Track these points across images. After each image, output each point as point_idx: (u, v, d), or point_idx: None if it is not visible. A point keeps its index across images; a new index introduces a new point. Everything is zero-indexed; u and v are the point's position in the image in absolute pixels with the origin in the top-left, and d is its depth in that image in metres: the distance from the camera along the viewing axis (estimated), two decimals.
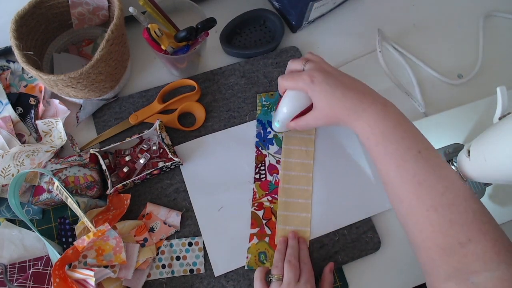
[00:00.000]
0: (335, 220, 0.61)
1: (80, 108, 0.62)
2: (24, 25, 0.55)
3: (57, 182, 0.53)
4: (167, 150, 0.58)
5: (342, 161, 0.63)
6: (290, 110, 0.56)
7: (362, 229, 0.61)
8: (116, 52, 0.56)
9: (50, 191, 0.55)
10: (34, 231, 0.56)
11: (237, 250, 0.58)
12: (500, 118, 0.48)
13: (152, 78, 0.67)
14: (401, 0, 0.76)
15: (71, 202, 0.52)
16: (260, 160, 0.62)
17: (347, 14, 0.74)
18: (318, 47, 0.71)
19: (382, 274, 0.60)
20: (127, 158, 0.59)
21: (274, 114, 0.61)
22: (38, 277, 0.54)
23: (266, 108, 0.65)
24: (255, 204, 0.60)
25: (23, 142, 0.60)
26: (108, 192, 0.56)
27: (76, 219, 0.58)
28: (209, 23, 0.56)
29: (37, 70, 0.52)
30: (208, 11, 0.59)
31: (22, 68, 0.63)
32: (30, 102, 0.61)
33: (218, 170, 0.62)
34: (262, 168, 0.62)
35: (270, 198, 0.61)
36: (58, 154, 0.60)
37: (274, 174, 0.62)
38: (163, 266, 0.57)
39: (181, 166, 0.61)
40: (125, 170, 0.58)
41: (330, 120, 0.52)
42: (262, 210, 0.60)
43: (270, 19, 0.69)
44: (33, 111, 0.61)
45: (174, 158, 0.58)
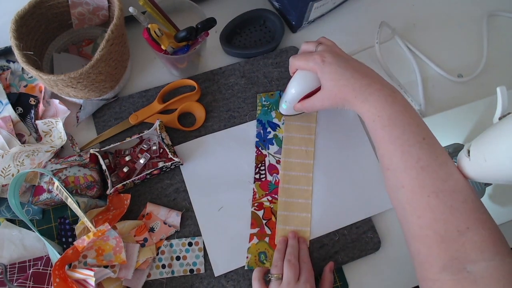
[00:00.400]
0: (335, 220, 0.61)
1: (80, 108, 0.62)
2: (24, 25, 0.55)
3: (57, 182, 0.53)
4: (167, 150, 0.58)
5: (342, 161, 0.63)
6: (298, 91, 0.57)
7: (362, 229, 0.61)
8: (116, 52, 0.56)
9: (50, 191, 0.55)
10: (34, 231, 0.56)
11: (237, 250, 0.58)
12: (500, 118, 0.48)
13: (152, 78, 0.67)
14: (401, 0, 0.76)
15: (71, 202, 0.52)
16: (260, 160, 0.62)
17: (347, 14, 0.74)
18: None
19: (382, 274, 0.60)
20: (127, 158, 0.59)
21: (282, 97, 0.62)
22: (38, 277, 0.54)
23: (266, 108, 0.65)
24: (255, 204, 0.60)
25: (23, 142, 0.60)
26: (108, 192, 0.56)
27: (76, 219, 0.58)
28: (209, 23, 0.56)
29: (37, 70, 0.52)
30: (208, 11, 0.59)
31: (22, 68, 0.63)
32: (30, 102, 0.61)
33: (218, 170, 0.62)
34: (262, 168, 0.62)
35: (270, 198, 0.61)
36: (58, 154, 0.60)
37: (274, 174, 0.62)
38: (163, 266, 0.57)
39: (181, 166, 0.61)
40: (125, 170, 0.58)
41: (336, 101, 0.53)
42: (262, 210, 0.60)
43: (270, 19, 0.69)
44: (33, 111, 0.61)
45: (174, 158, 0.58)
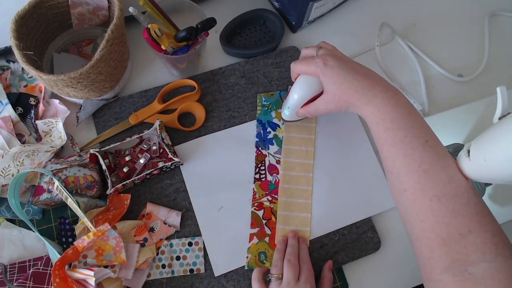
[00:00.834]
0: (335, 220, 0.61)
1: (80, 108, 0.62)
2: (24, 25, 0.55)
3: (57, 182, 0.53)
4: (167, 150, 0.58)
5: (342, 161, 0.63)
6: (301, 96, 0.56)
7: (362, 229, 0.61)
8: (116, 52, 0.56)
9: (50, 191, 0.55)
10: (34, 231, 0.56)
11: (237, 250, 0.58)
12: (500, 118, 0.48)
13: (152, 78, 0.67)
14: (401, 0, 0.76)
15: (71, 202, 0.52)
16: (260, 160, 0.62)
17: (347, 14, 0.74)
18: None
19: (382, 274, 0.60)
20: (127, 158, 0.59)
21: (284, 102, 0.61)
22: (38, 277, 0.54)
23: (266, 108, 0.65)
24: (255, 204, 0.60)
25: (23, 142, 0.60)
26: (108, 192, 0.56)
27: (76, 219, 0.58)
28: (209, 23, 0.56)
29: (37, 70, 0.52)
30: (208, 11, 0.59)
31: (22, 68, 0.63)
32: (30, 102, 0.61)
33: (218, 170, 0.62)
34: (262, 168, 0.62)
35: (270, 198, 0.61)
36: (58, 154, 0.60)
37: (274, 174, 0.62)
38: (163, 266, 0.57)
39: (181, 166, 0.61)
40: (125, 170, 0.58)
41: (339, 104, 0.53)
42: (262, 210, 0.60)
43: (270, 19, 0.69)
44: (33, 111, 0.61)
45: (174, 158, 0.58)
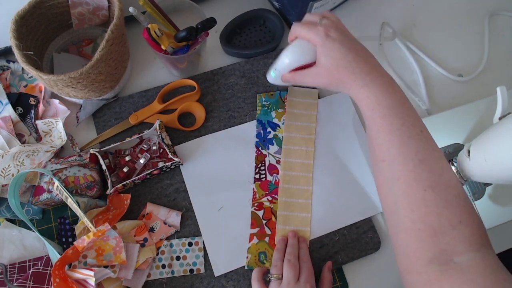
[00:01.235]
0: (335, 220, 0.61)
1: (80, 108, 0.62)
2: (24, 25, 0.55)
3: (57, 182, 0.53)
4: (167, 150, 0.58)
5: (342, 161, 0.63)
6: (292, 61, 0.54)
7: (362, 229, 0.61)
8: (116, 52, 0.56)
9: (50, 191, 0.55)
10: (34, 231, 0.56)
11: (237, 250, 0.58)
12: (500, 118, 0.48)
13: (152, 78, 0.67)
14: (401, 0, 0.76)
15: (71, 202, 0.52)
16: (260, 160, 0.62)
17: (347, 14, 0.74)
18: None
19: (382, 274, 0.60)
20: (127, 158, 0.59)
21: (272, 63, 0.58)
22: (38, 277, 0.54)
23: (266, 108, 0.65)
24: (255, 204, 0.60)
25: (23, 142, 0.60)
26: (108, 192, 0.56)
27: (76, 219, 0.58)
28: (209, 23, 0.56)
29: (37, 70, 0.52)
30: (208, 11, 0.59)
31: (22, 68, 0.63)
32: (30, 102, 0.61)
33: (218, 170, 0.62)
34: (262, 168, 0.62)
35: (270, 198, 0.61)
36: (58, 154, 0.60)
37: (274, 174, 0.62)
38: (163, 266, 0.57)
39: (181, 166, 0.61)
40: (125, 170, 0.58)
41: (331, 81, 0.51)
42: (262, 210, 0.60)
43: (270, 19, 0.69)
44: (33, 111, 0.61)
45: (174, 158, 0.58)
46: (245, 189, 0.61)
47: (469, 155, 0.51)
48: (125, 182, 0.56)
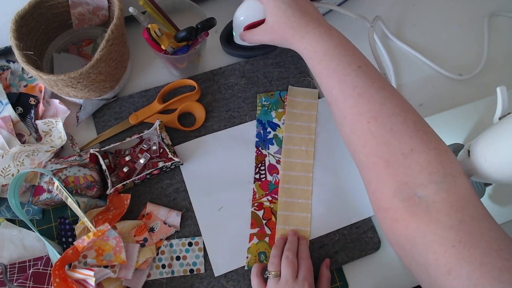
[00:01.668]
0: (335, 220, 0.61)
1: (80, 108, 0.62)
2: (24, 25, 0.55)
3: (57, 182, 0.53)
4: (167, 150, 0.58)
5: (342, 161, 0.63)
6: (244, 18, 0.57)
7: (362, 229, 0.61)
8: (116, 52, 0.56)
9: (50, 191, 0.55)
10: (34, 231, 0.56)
11: (237, 250, 0.58)
12: (500, 118, 0.48)
13: (152, 78, 0.67)
14: (401, 0, 0.76)
15: (71, 202, 0.52)
16: (260, 160, 0.62)
17: (347, 14, 0.74)
18: None
19: (382, 274, 0.60)
20: (127, 158, 0.59)
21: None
22: (38, 277, 0.54)
23: (266, 108, 0.65)
24: (255, 204, 0.60)
25: (23, 142, 0.60)
26: (108, 192, 0.56)
27: (76, 219, 0.58)
28: (209, 23, 0.56)
29: (37, 70, 0.52)
30: (208, 11, 0.59)
31: (22, 68, 0.63)
32: (30, 102, 0.61)
33: (218, 170, 0.62)
34: (262, 168, 0.62)
35: (270, 198, 0.61)
36: (58, 154, 0.60)
37: (274, 174, 0.62)
38: (163, 266, 0.57)
39: (181, 166, 0.61)
40: (125, 170, 0.58)
41: (274, 37, 0.53)
42: (262, 210, 0.60)
43: None
44: (33, 111, 0.61)
45: (174, 158, 0.58)
46: (245, 189, 0.61)
47: (469, 155, 0.51)
48: (125, 182, 0.56)
